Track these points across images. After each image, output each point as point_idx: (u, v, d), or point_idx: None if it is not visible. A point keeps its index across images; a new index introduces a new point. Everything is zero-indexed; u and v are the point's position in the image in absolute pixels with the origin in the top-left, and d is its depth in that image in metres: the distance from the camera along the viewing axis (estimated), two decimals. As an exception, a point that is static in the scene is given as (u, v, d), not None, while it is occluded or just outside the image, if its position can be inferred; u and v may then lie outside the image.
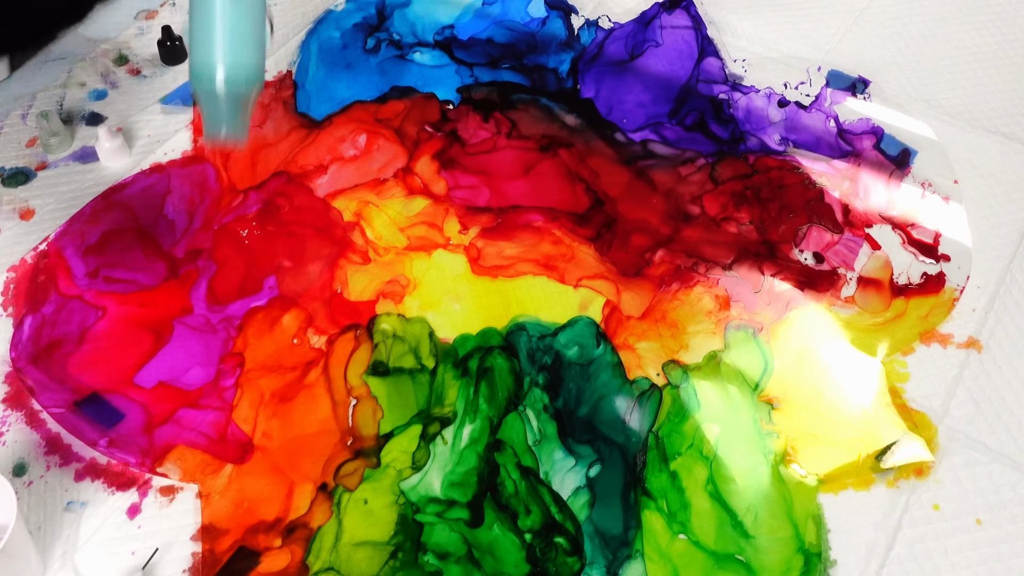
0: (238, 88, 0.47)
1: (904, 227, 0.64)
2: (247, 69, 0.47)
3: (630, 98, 0.73)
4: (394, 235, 0.64)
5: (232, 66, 0.47)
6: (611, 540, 0.49)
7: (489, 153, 0.69)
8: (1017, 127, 0.70)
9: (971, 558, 0.49)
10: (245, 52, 0.47)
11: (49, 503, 0.51)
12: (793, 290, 0.60)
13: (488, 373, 0.56)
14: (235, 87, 0.47)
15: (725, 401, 0.55)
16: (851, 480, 0.52)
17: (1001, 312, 0.59)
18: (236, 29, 0.46)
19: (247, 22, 0.47)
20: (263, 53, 0.48)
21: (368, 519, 0.50)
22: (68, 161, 0.68)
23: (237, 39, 0.46)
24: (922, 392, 0.55)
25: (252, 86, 0.48)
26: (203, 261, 0.62)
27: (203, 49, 0.46)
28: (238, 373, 0.56)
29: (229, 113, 0.48)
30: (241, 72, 0.47)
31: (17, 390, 0.55)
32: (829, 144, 0.69)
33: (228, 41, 0.46)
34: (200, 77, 0.47)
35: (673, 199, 0.66)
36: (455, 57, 0.76)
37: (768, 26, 0.78)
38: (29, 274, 0.61)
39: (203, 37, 0.46)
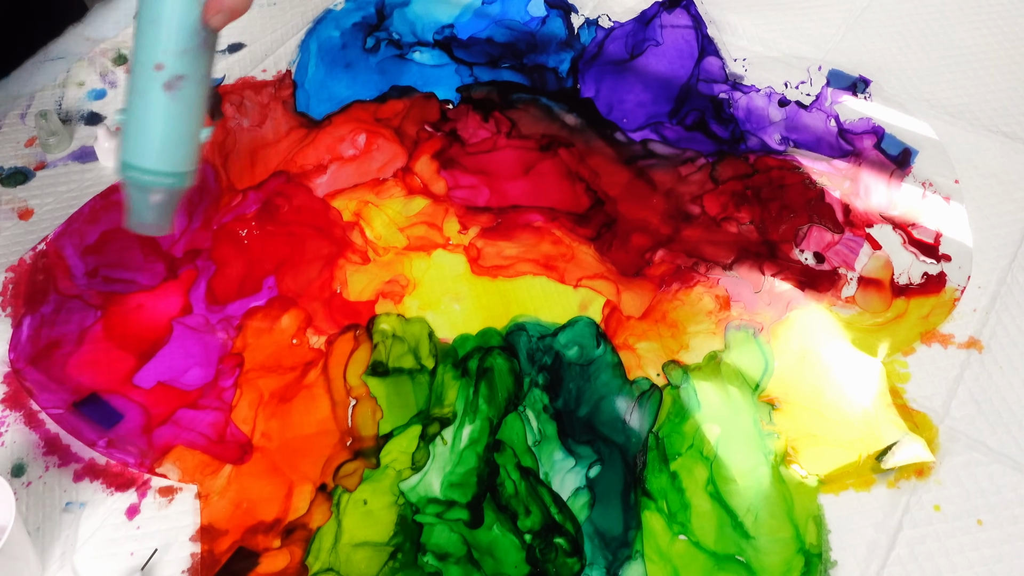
0: (167, 188, 0.46)
1: (905, 227, 0.64)
2: (178, 172, 0.46)
3: (630, 97, 0.73)
4: (393, 235, 0.64)
5: (166, 168, 0.45)
6: (611, 541, 0.49)
7: (489, 153, 0.69)
8: (1018, 127, 0.70)
9: (972, 559, 0.49)
10: (180, 155, 0.45)
11: (48, 504, 0.50)
12: (794, 290, 0.60)
13: (488, 373, 0.56)
14: (167, 187, 0.46)
15: (725, 401, 0.55)
16: (852, 481, 0.51)
17: (1002, 312, 0.59)
18: (173, 133, 0.45)
19: (184, 124, 0.45)
20: (196, 153, 0.47)
21: (367, 520, 0.50)
22: (67, 161, 0.68)
23: (171, 143, 0.45)
24: (923, 392, 0.55)
25: (181, 187, 0.46)
26: (202, 261, 0.62)
27: (135, 146, 0.45)
28: (237, 373, 0.56)
29: (158, 208, 0.46)
30: (174, 174, 0.45)
31: (16, 390, 0.55)
32: (830, 144, 0.69)
33: (164, 144, 0.45)
34: (128, 171, 0.45)
35: (673, 199, 0.66)
36: (455, 56, 0.76)
37: (768, 25, 0.78)
38: (28, 274, 0.61)
39: (136, 134, 0.45)
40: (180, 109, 0.44)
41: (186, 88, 0.44)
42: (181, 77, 0.43)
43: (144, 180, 0.45)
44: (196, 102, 0.45)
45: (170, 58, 0.43)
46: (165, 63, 0.43)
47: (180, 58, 0.43)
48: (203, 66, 0.45)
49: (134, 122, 0.45)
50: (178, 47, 0.43)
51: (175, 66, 0.43)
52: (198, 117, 0.46)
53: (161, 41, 0.43)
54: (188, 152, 0.46)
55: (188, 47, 0.43)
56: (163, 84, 0.43)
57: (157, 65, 0.43)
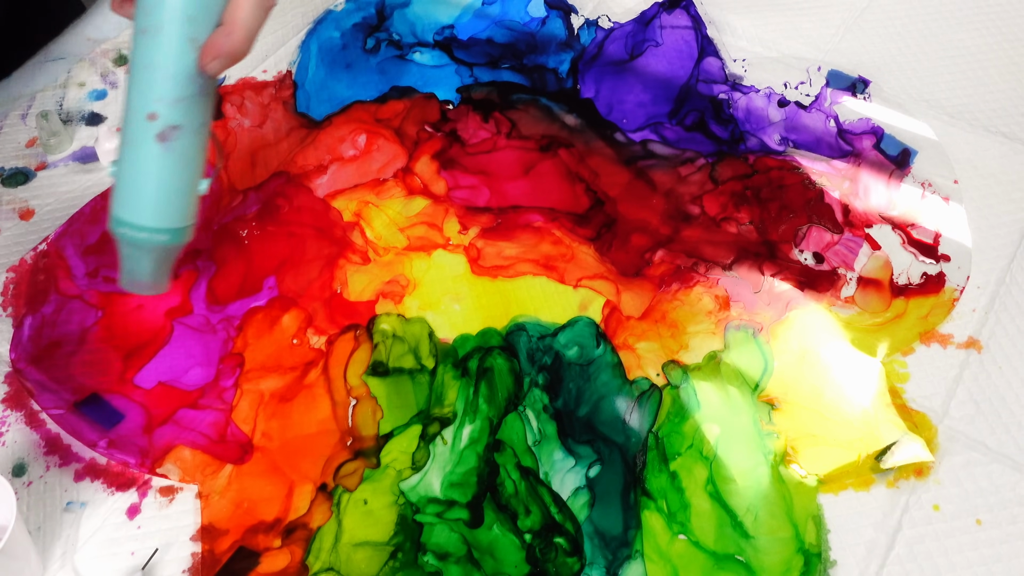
0: (163, 246, 0.43)
1: (904, 227, 0.64)
2: (173, 228, 0.42)
3: (630, 98, 0.73)
4: (394, 235, 0.64)
5: (162, 224, 0.42)
6: (611, 540, 0.49)
7: (489, 153, 0.69)
8: (1018, 127, 0.70)
9: (971, 558, 0.49)
10: (177, 209, 0.42)
11: (49, 503, 0.51)
12: (793, 290, 0.60)
13: (488, 373, 0.56)
14: (163, 243, 0.43)
15: (725, 401, 0.55)
16: (851, 480, 0.52)
17: (1001, 312, 0.59)
18: (169, 187, 0.41)
19: (180, 177, 0.41)
20: (195, 206, 0.43)
21: (368, 519, 0.50)
22: (68, 161, 0.68)
23: (166, 197, 0.41)
24: (922, 392, 0.55)
25: (180, 241, 0.43)
26: (202, 261, 0.62)
27: (127, 201, 0.41)
28: (238, 373, 0.56)
29: (154, 265, 0.44)
30: (170, 230, 0.42)
31: (17, 390, 0.55)
32: (829, 144, 0.69)
33: (159, 199, 0.41)
34: (120, 227, 0.42)
35: (673, 199, 0.66)
36: (455, 57, 0.76)
37: (768, 26, 0.78)
38: (29, 274, 0.61)
39: (129, 187, 0.41)
40: (175, 161, 0.41)
41: (181, 139, 0.41)
42: (176, 128, 0.40)
43: (137, 237, 0.42)
44: (192, 154, 0.42)
45: (164, 107, 0.40)
46: (159, 112, 0.40)
47: (175, 107, 0.40)
48: (200, 115, 0.41)
49: (126, 175, 0.41)
50: (173, 95, 0.40)
51: (169, 116, 0.40)
52: (195, 169, 0.42)
53: (155, 89, 0.40)
54: (184, 206, 0.43)
55: (183, 95, 0.40)
56: (156, 135, 0.40)
57: (150, 115, 0.40)
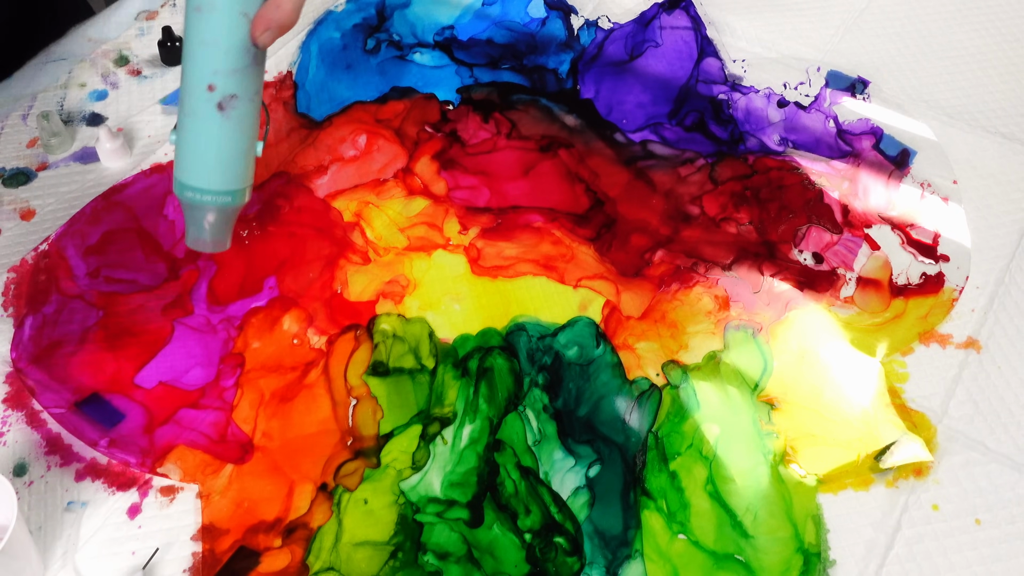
0: (224, 207, 0.45)
1: (903, 227, 0.64)
2: (235, 189, 0.45)
3: (630, 98, 0.73)
4: (394, 235, 0.64)
5: (223, 187, 0.44)
6: (611, 540, 0.49)
7: (489, 153, 0.69)
8: (1016, 127, 0.70)
9: (970, 558, 0.49)
10: (237, 172, 0.45)
11: (50, 503, 0.51)
12: (792, 290, 0.60)
13: (488, 373, 0.56)
14: (225, 204, 0.45)
15: (725, 401, 0.55)
16: (850, 480, 0.52)
17: (1000, 312, 0.59)
18: (229, 152, 0.44)
19: (238, 142, 0.44)
20: (252, 168, 0.46)
21: (368, 519, 0.50)
22: (69, 161, 0.68)
23: (226, 162, 0.44)
24: (921, 392, 0.55)
25: (238, 203, 0.46)
26: (203, 261, 0.62)
27: (190, 167, 0.44)
28: (238, 373, 0.56)
29: (217, 225, 0.46)
30: (229, 193, 0.45)
31: (18, 390, 0.55)
32: (828, 144, 0.69)
33: (220, 164, 0.44)
34: (185, 191, 0.45)
35: (673, 199, 0.66)
36: (455, 58, 0.76)
37: (767, 26, 0.78)
38: (30, 274, 0.61)
39: (191, 154, 0.44)
40: (233, 128, 0.44)
41: (239, 107, 0.43)
42: (233, 96, 0.43)
43: (201, 200, 0.45)
44: (249, 120, 0.44)
45: (221, 79, 0.42)
46: (216, 84, 0.42)
47: (231, 78, 0.43)
48: (254, 84, 0.44)
49: (188, 143, 0.44)
50: (228, 67, 0.42)
51: (227, 86, 0.43)
52: (251, 134, 0.45)
53: (212, 62, 0.42)
54: (243, 169, 0.45)
55: (238, 67, 0.43)
56: (216, 105, 0.43)
57: (209, 86, 0.42)
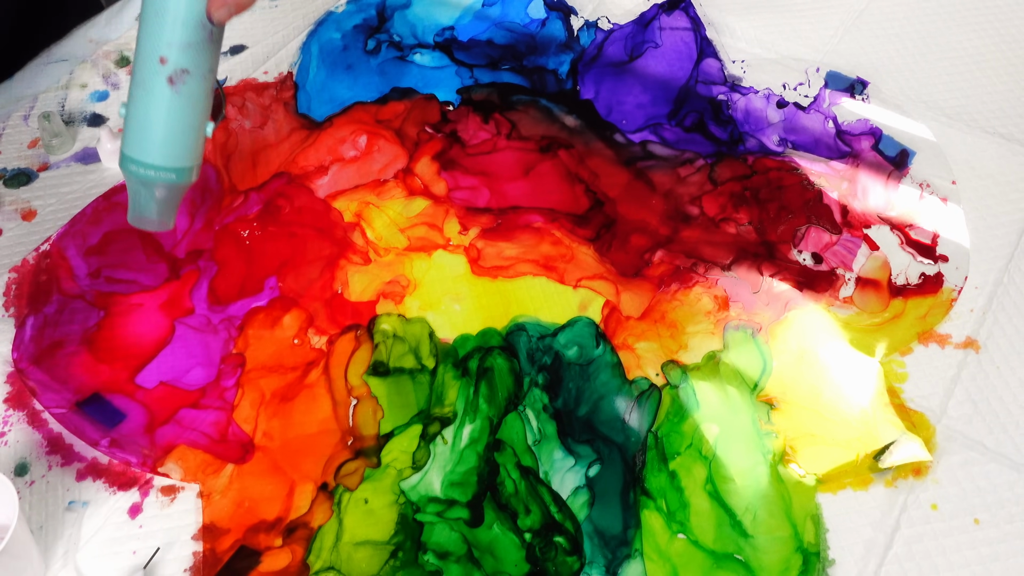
0: (169, 184, 0.45)
1: (902, 228, 0.64)
2: (180, 167, 0.45)
3: (629, 99, 0.73)
4: (394, 236, 0.64)
5: (168, 163, 0.44)
6: (610, 539, 0.50)
7: (489, 154, 0.69)
8: (1015, 128, 0.70)
9: (969, 557, 0.49)
10: (183, 149, 0.44)
11: (51, 503, 0.51)
12: (792, 290, 0.61)
13: (488, 373, 0.56)
14: (169, 182, 0.45)
15: (724, 401, 0.55)
16: (849, 480, 0.52)
17: (999, 312, 0.59)
18: (177, 127, 0.44)
19: (187, 119, 0.44)
20: (201, 147, 0.46)
21: (368, 519, 0.50)
22: (70, 162, 0.69)
23: (174, 137, 0.44)
24: (920, 392, 0.55)
25: (186, 181, 0.45)
26: (204, 262, 0.62)
27: (137, 140, 0.44)
28: (239, 373, 0.56)
29: (160, 203, 0.46)
30: (177, 169, 0.44)
31: (19, 390, 0.55)
32: (828, 145, 0.70)
33: (167, 139, 0.44)
34: (129, 164, 0.44)
35: (672, 200, 0.66)
36: (455, 58, 0.76)
37: (767, 27, 0.78)
38: (31, 274, 0.61)
39: (138, 127, 0.44)
40: (183, 104, 0.43)
41: (190, 83, 0.43)
42: (185, 71, 0.43)
43: (146, 175, 0.44)
44: (200, 97, 0.44)
45: (174, 52, 0.42)
46: (168, 57, 0.42)
47: (184, 52, 0.42)
48: (207, 61, 0.44)
49: (136, 116, 0.44)
50: (182, 40, 0.42)
51: (179, 60, 0.42)
52: (202, 112, 0.45)
53: (165, 34, 0.42)
54: (191, 147, 0.45)
55: (192, 41, 0.42)
56: (166, 78, 0.42)
57: (161, 58, 0.42)
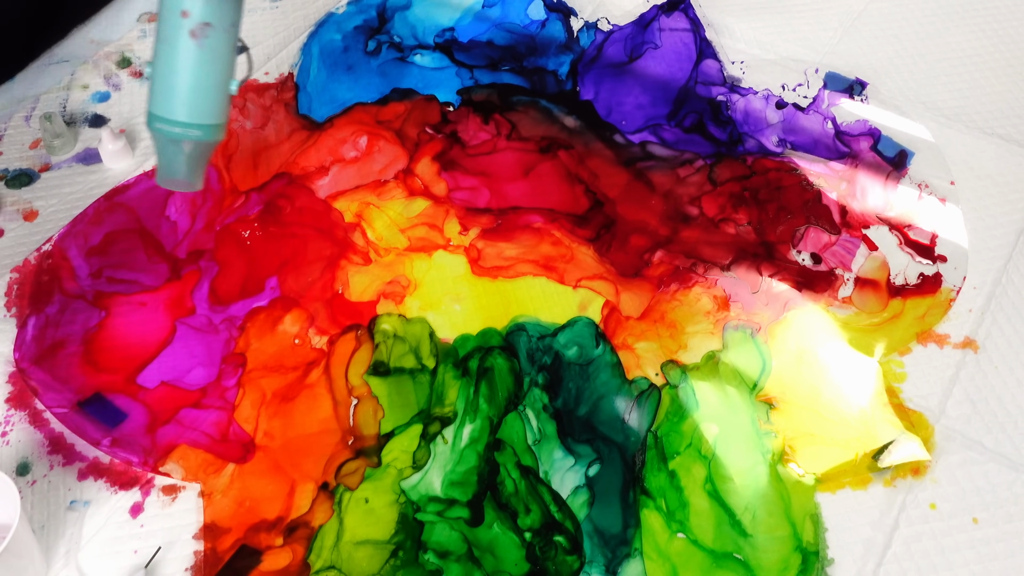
0: (198, 140, 0.45)
1: (901, 228, 0.64)
2: (209, 123, 0.45)
3: (629, 100, 0.73)
4: (395, 236, 0.64)
5: (194, 119, 0.44)
6: (610, 539, 0.50)
7: (489, 155, 0.69)
8: (1013, 129, 0.71)
9: (967, 556, 0.49)
10: (208, 105, 0.45)
11: (52, 502, 0.51)
12: (791, 290, 0.61)
13: (488, 373, 0.56)
14: (196, 139, 0.45)
15: (723, 401, 0.55)
16: (848, 479, 0.52)
17: (997, 312, 0.59)
18: (201, 83, 0.44)
19: (212, 74, 0.44)
20: (227, 104, 0.46)
21: (369, 518, 0.50)
22: (71, 163, 0.69)
23: (202, 93, 0.44)
24: (919, 392, 0.55)
25: (212, 138, 0.46)
26: (205, 262, 0.62)
27: (163, 97, 0.44)
28: (240, 373, 0.56)
29: (187, 161, 0.46)
30: (202, 126, 0.45)
31: (21, 390, 0.56)
32: (827, 146, 0.70)
33: (191, 95, 0.44)
34: (156, 122, 0.45)
35: (672, 200, 0.66)
36: (455, 59, 0.76)
37: (766, 28, 0.78)
38: (33, 275, 0.61)
39: (164, 84, 0.44)
40: (207, 58, 0.43)
41: (212, 37, 0.43)
42: (207, 25, 0.42)
43: (172, 132, 0.44)
44: (223, 52, 0.44)
45: (195, 5, 0.42)
46: (191, 10, 0.42)
47: (206, 5, 0.42)
48: (230, 14, 0.44)
49: (161, 72, 0.44)
50: None
51: (201, 13, 0.42)
52: (226, 68, 0.45)
53: None
54: (217, 103, 0.45)
55: None
56: (189, 32, 0.42)
57: (183, 12, 0.42)
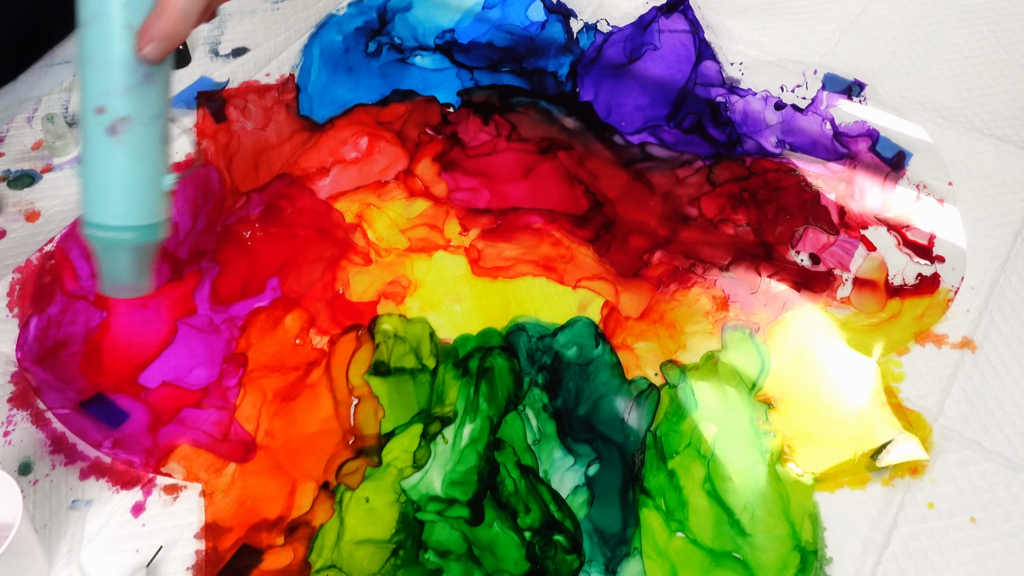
0: (134, 245, 0.42)
1: (899, 229, 0.65)
2: (143, 224, 0.41)
3: (628, 101, 0.73)
4: (395, 237, 0.65)
5: (127, 222, 0.41)
6: (610, 538, 0.50)
7: (489, 156, 0.70)
8: (1011, 130, 0.71)
9: (965, 556, 0.49)
10: (140, 205, 0.41)
11: (54, 502, 0.51)
12: (789, 291, 0.61)
13: (488, 373, 0.56)
14: (131, 242, 0.41)
15: (722, 400, 0.55)
16: (847, 478, 0.52)
17: (995, 313, 0.60)
18: (127, 182, 0.40)
19: (138, 171, 0.40)
20: (163, 201, 0.42)
21: (369, 517, 0.51)
22: (73, 164, 0.69)
23: (128, 193, 0.40)
24: (917, 392, 0.56)
25: (150, 239, 0.42)
26: (206, 262, 0.62)
27: (91, 202, 0.41)
28: (241, 373, 0.56)
29: (129, 266, 0.42)
30: (135, 228, 0.41)
31: (23, 390, 0.56)
32: (825, 147, 0.70)
33: (120, 196, 0.40)
34: (88, 228, 0.41)
35: (671, 201, 0.67)
36: (455, 61, 0.77)
37: (765, 30, 0.79)
38: (35, 275, 0.62)
39: (91, 187, 0.40)
40: (129, 155, 0.40)
41: (134, 131, 0.39)
42: (125, 119, 0.39)
43: (105, 237, 0.41)
44: (148, 146, 0.40)
45: (111, 99, 0.38)
46: (107, 105, 0.39)
47: (122, 98, 0.39)
48: (152, 106, 0.40)
49: (86, 175, 0.41)
50: (118, 86, 0.38)
51: (117, 108, 0.39)
52: (154, 163, 0.41)
53: (100, 81, 0.38)
54: (148, 202, 0.41)
55: (129, 85, 0.38)
56: (106, 128, 0.39)
57: (98, 108, 0.39)
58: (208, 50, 0.78)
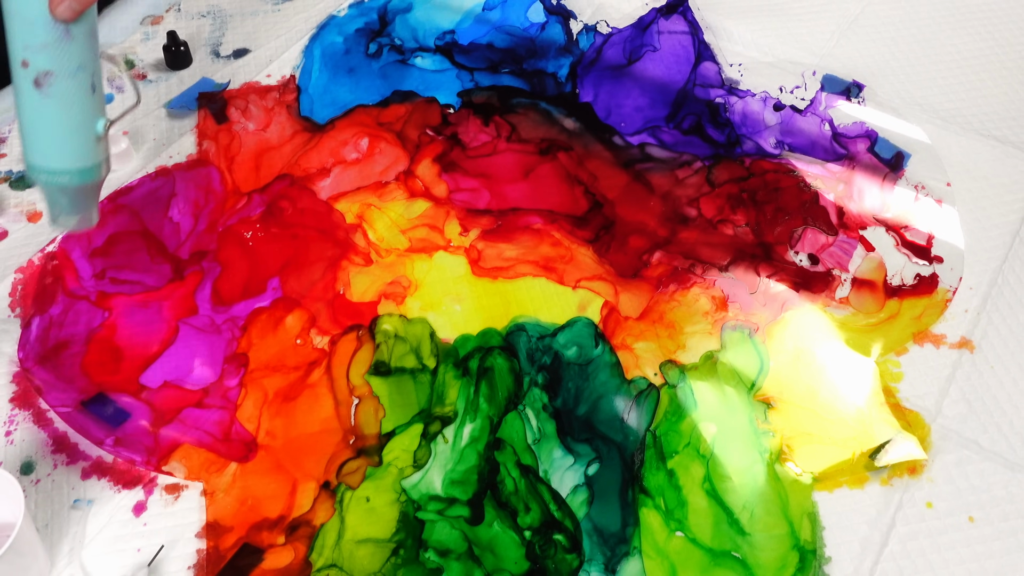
0: (72, 185, 0.44)
1: (898, 229, 0.65)
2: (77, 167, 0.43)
3: (628, 102, 0.74)
4: (396, 237, 0.65)
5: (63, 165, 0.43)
6: (609, 537, 0.50)
7: (489, 156, 0.70)
8: (1009, 131, 0.71)
9: (963, 555, 0.49)
10: (72, 150, 0.43)
11: (56, 501, 0.51)
12: (788, 291, 0.61)
13: (488, 373, 0.57)
14: (68, 184, 0.44)
15: (721, 400, 0.56)
16: (845, 478, 0.52)
17: (993, 313, 0.60)
18: (56, 130, 0.42)
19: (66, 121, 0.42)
20: (96, 145, 0.44)
21: (370, 517, 0.51)
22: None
23: (59, 140, 0.42)
24: (915, 391, 0.56)
25: (86, 181, 0.44)
26: (208, 263, 0.62)
27: (28, 146, 0.43)
28: (242, 373, 0.57)
29: (72, 203, 0.45)
30: (70, 171, 0.43)
31: (25, 390, 0.56)
32: (824, 147, 0.70)
33: (52, 142, 0.42)
34: (31, 171, 0.44)
35: (670, 201, 0.67)
36: (456, 62, 0.77)
37: (764, 31, 0.79)
38: (36, 276, 0.62)
39: (26, 133, 0.43)
40: (56, 106, 0.41)
41: (58, 84, 0.41)
42: (48, 73, 0.41)
43: (46, 179, 0.43)
44: (73, 98, 0.42)
45: (32, 54, 0.40)
46: (29, 60, 0.40)
47: (42, 53, 0.40)
48: (73, 59, 0.41)
49: (21, 122, 0.43)
50: (37, 42, 0.40)
51: (39, 62, 0.40)
52: (81, 112, 0.43)
53: (21, 37, 0.40)
54: (80, 148, 0.43)
55: (47, 41, 0.40)
56: (32, 81, 0.41)
57: (23, 62, 0.41)
58: (209, 51, 0.78)
